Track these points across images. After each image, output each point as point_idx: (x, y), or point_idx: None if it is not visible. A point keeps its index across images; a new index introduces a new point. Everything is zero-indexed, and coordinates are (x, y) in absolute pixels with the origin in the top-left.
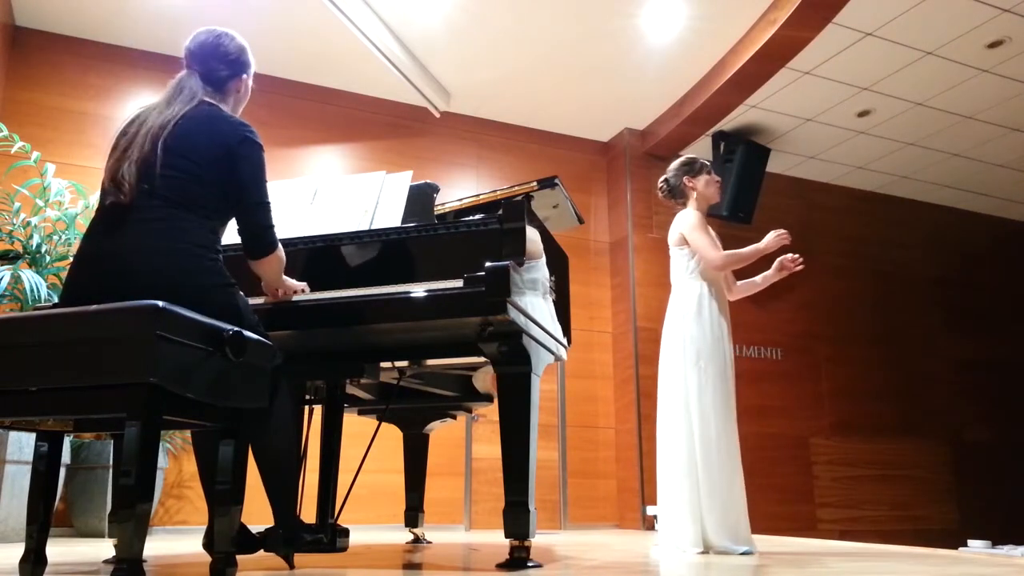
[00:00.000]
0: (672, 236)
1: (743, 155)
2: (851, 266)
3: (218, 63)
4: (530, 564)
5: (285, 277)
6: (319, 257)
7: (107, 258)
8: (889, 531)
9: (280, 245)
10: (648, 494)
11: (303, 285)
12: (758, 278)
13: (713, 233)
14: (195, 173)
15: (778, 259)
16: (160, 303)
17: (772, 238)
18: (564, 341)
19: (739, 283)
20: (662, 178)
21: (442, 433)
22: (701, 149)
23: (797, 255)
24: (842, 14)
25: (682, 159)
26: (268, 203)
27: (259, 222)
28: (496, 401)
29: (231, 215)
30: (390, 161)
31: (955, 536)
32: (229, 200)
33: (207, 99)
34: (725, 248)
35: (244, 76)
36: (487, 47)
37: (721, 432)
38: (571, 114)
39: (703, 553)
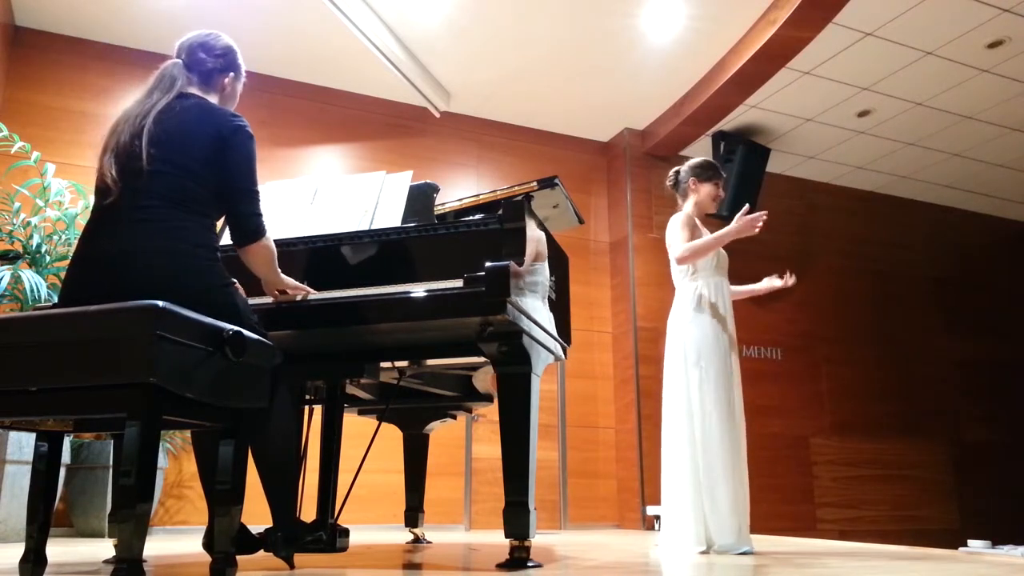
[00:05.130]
0: (666, 238)
1: (743, 155)
2: (851, 266)
3: (204, 54)
4: (530, 564)
5: (285, 276)
6: (319, 257)
7: (105, 258)
8: (889, 531)
9: (267, 234)
10: (648, 494)
11: (306, 289)
12: (744, 288)
13: (704, 231)
14: (190, 169)
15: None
16: (160, 303)
17: (744, 220)
18: (564, 341)
19: (733, 288)
20: (676, 168)
21: (442, 433)
22: (701, 149)
23: (759, 213)
24: (842, 14)
25: (703, 160)
26: (256, 191)
27: (244, 209)
28: (496, 401)
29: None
30: (390, 161)
31: (955, 536)
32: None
33: (193, 90)
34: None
35: (232, 74)
36: (487, 47)
37: (724, 432)
38: (571, 114)
39: (704, 552)
